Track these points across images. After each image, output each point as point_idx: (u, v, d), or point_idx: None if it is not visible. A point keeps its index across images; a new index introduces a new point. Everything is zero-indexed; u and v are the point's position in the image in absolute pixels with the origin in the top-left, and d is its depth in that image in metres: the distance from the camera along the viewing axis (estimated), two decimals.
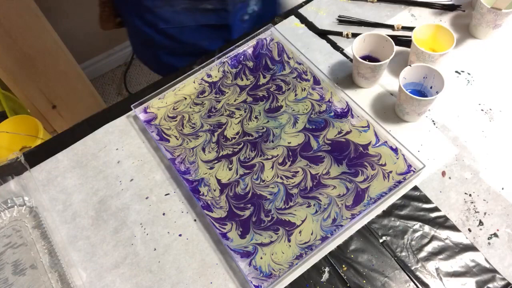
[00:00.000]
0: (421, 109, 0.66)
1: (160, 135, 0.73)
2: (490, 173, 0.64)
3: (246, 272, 0.58)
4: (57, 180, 0.70)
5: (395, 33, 0.81)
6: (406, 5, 0.84)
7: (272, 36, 0.83)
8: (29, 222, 0.66)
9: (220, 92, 0.77)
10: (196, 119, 0.74)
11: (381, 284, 0.57)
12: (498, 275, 0.56)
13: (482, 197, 0.62)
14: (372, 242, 0.60)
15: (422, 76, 0.68)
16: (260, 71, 0.79)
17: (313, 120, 0.71)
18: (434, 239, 0.59)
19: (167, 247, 0.62)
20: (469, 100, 0.71)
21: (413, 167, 0.64)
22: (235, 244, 0.61)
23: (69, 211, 0.67)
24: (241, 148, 0.70)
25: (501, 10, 0.71)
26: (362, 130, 0.69)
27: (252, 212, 0.63)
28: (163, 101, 0.77)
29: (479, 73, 0.74)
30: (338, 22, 0.85)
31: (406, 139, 0.67)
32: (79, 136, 0.75)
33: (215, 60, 0.80)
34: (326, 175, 0.65)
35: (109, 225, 0.65)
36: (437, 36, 0.73)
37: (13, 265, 0.62)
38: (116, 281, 0.60)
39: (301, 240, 0.60)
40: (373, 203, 0.62)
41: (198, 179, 0.67)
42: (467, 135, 0.68)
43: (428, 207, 0.62)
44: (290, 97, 0.74)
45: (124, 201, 0.67)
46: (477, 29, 0.77)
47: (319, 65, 0.77)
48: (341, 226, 0.60)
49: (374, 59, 0.74)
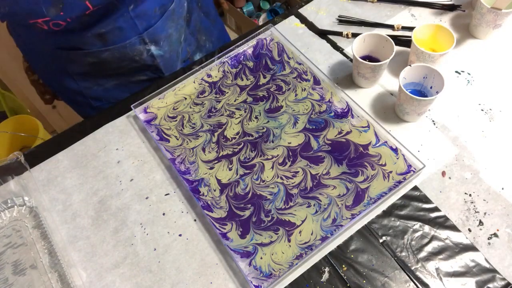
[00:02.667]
0: (421, 109, 0.66)
1: (160, 135, 0.73)
2: (490, 173, 0.64)
3: (246, 272, 0.58)
4: (57, 180, 0.70)
5: (395, 33, 0.80)
6: (406, 5, 0.84)
7: (272, 36, 0.83)
8: (29, 222, 0.66)
9: (220, 92, 0.77)
10: (196, 119, 0.74)
11: (381, 284, 0.57)
12: (498, 275, 0.56)
13: (482, 197, 0.62)
14: (372, 242, 0.60)
15: (422, 76, 0.68)
16: (260, 71, 0.79)
17: (313, 120, 0.71)
18: (434, 239, 0.59)
19: (167, 247, 0.62)
20: (469, 100, 0.71)
21: (413, 167, 0.64)
22: (235, 244, 0.61)
23: (69, 211, 0.67)
24: (241, 148, 0.70)
25: (501, 10, 0.71)
26: (362, 130, 0.69)
27: (252, 212, 0.63)
28: (163, 101, 0.77)
29: (479, 73, 0.74)
30: (338, 22, 0.85)
31: (406, 139, 0.67)
32: (79, 136, 0.75)
33: (215, 60, 0.80)
34: (326, 175, 0.65)
35: (109, 225, 0.65)
36: (437, 36, 0.73)
37: (13, 265, 0.62)
38: (116, 281, 0.60)
39: (301, 240, 0.60)
40: (373, 203, 0.62)
41: (198, 179, 0.67)
42: (467, 135, 0.68)
43: (428, 207, 0.62)
44: (290, 97, 0.74)
45: (124, 201, 0.67)
46: (477, 29, 0.77)
47: (319, 65, 0.77)
48: (341, 226, 0.60)
49: (374, 59, 0.74)
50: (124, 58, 0.78)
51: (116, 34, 0.73)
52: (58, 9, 0.64)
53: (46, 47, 0.76)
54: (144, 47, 0.77)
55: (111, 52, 0.75)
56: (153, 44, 0.78)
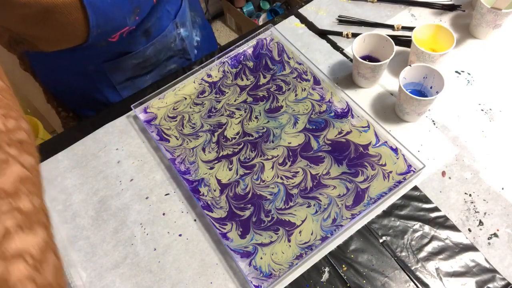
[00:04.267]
0: (421, 109, 0.66)
1: (160, 135, 0.73)
2: (490, 173, 0.64)
3: (246, 272, 0.58)
4: (57, 180, 0.70)
5: (395, 33, 0.80)
6: (406, 5, 0.84)
7: (272, 36, 0.83)
8: None
9: (220, 92, 0.77)
10: (196, 119, 0.74)
11: (381, 284, 0.57)
12: (498, 275, 0.56)
13: (482, 197, 0.62)
14: (372, 242, 0.60)
15: (422, 76, 0.68)
16: (260, 71, 0.79)
17: (313, 120, 0.71)
18: (434, 239, 0.59)
19: (167, 247, 0.62)
20: (469, 100, 0.71)
21: (413, 167, 0.64)
22: (235, 244, 0.61)
23: (69, 211, 0.67)
24: (241, 148, 0.70)
25: (501, 10, 0.71)
26: (362, 130, 0.69)
27: (252, 212, 0.63)
28: (163, 101, 0.77)
29: (479, 73, 0.74)
30: (338, 22, 0.85)
31: (406, 139, 0.67)
32: (79, 136, 0.75)
33: (215, 60, 0.80)
34: (326, 175, 0.65)
35: (109, 225, 0.65)
36: (437, 36, 0.73)
37: None
38: (116, 281, 0.60)
39: (301, 240, 0.60)
40: (373, 203, 0.62)
41: (198, 179, 0.67)
42: (467, 135, 0.68)
43: (428, 207, 0.62)
44: (290, 97, 0.74)
45: (124, 201, 0.67)
46: (477, 29, 0.77)
47: (319, 65, 0.77)
48: (341, 226, 0.60)
49: (374, 59, 0.74)
50: (163, 49, 0.80)
51: (157, 26, 0.75)
52: (135, 15, 0.66)
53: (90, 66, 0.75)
54: (176, 31, 0.80)
55: (154, 46, 0.77)
56: (182, 26, 0.81)
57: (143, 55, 0.77)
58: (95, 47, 0.69)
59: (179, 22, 0.80)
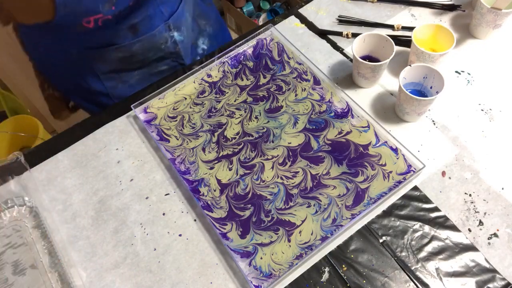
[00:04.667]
0: (421, 109, 0.66)
1: (160, 135, 0.73)
2: (490, 173, 0.64)
3: (246, 272, 0.58)
4: (57, 180, 0.70)
5: (395, 33, 0.80)
6: (406, 5, 0.84)
7: (272, 36, 0.83)
8: (29, 222, 0.66)
9: (220, 92, 0.77)
10: (196, 119, 0.74)
11: (381, 284, 0.57)
12: (498, 275, 0.56)
13: (482, 197, 0.62)
14: (372, 242, 0.60)
15: (422, 76, 0.68)
16: (260, 71, 0.79)
17: (313, 120, 0.71)
18: (434, 239, 0.59)
19: (167, 247, 0.62)
20: (469, 100, 0.71)
21: (413, 167, 0.64)
22: (235, 244, 0.61)
23: (69, 211, 0.67)
24: (241, 148, 0.70)
25: (501, 10, 0.71)
26: (362, 130, 0.69)
27: (252, 212, 0.63)
28: (163, 101, 0.77)
29: (479, 73, 0.74)
30: (338, 22, 0.85)
31: (406, 139, 0.67)
32: (79, 136, 0.75)
33: (215, 60, 0.80)
34: (326, 175, 0.65)
35: (109, 225, 0.65)
36: (437, 36, 0.73)
37: (13, 265, 0.62)
38: (116, 281, 0.60)
39: (301, 240, 0.60)
40: (373, 203, 0.62)
41: (198, 179, 0.67)
42: (467, 135, 0.68)
43: (428, 207, 0.62)
44: (290, 97, 0.74)
45: (124, 201, 0.67)
46: (477, 29, 0.77)
47: (319, 65, 0.77)
48: (341, 226, 0.60)
49: (374, 59, 0.74)
50: (152, 48, 0.80)
51: (146, 24, 0.75)
52: (111, 4, 0.65)
53: (73, 50, 0.76)
54: (169, 34, 0.80)
55: (141, 43, 0.77)
56: (176, 30, 0.81)
57: (129, 50, 0.77)
58: (73, 30, 0.69)
59: (172, 25, 0.80)
